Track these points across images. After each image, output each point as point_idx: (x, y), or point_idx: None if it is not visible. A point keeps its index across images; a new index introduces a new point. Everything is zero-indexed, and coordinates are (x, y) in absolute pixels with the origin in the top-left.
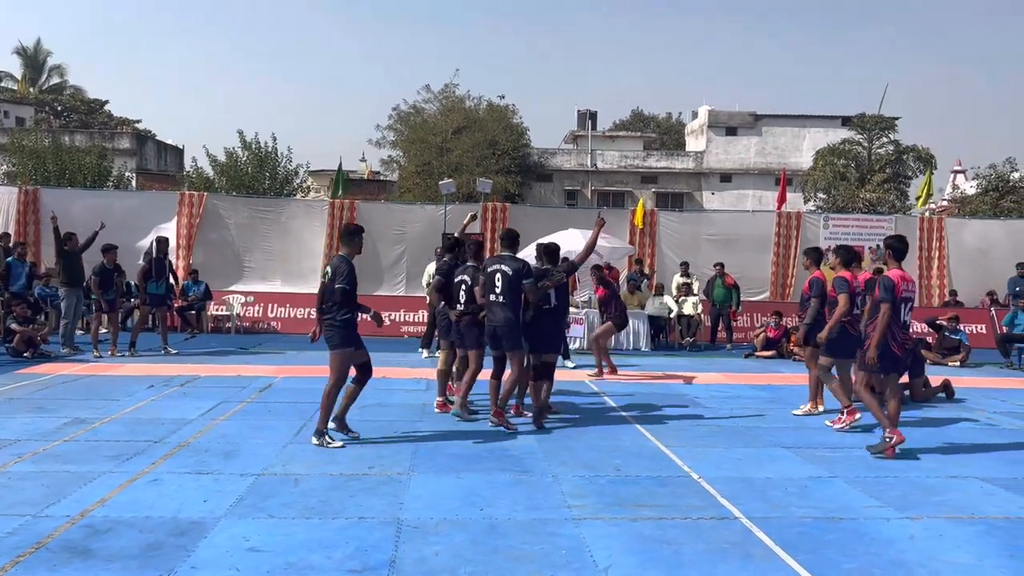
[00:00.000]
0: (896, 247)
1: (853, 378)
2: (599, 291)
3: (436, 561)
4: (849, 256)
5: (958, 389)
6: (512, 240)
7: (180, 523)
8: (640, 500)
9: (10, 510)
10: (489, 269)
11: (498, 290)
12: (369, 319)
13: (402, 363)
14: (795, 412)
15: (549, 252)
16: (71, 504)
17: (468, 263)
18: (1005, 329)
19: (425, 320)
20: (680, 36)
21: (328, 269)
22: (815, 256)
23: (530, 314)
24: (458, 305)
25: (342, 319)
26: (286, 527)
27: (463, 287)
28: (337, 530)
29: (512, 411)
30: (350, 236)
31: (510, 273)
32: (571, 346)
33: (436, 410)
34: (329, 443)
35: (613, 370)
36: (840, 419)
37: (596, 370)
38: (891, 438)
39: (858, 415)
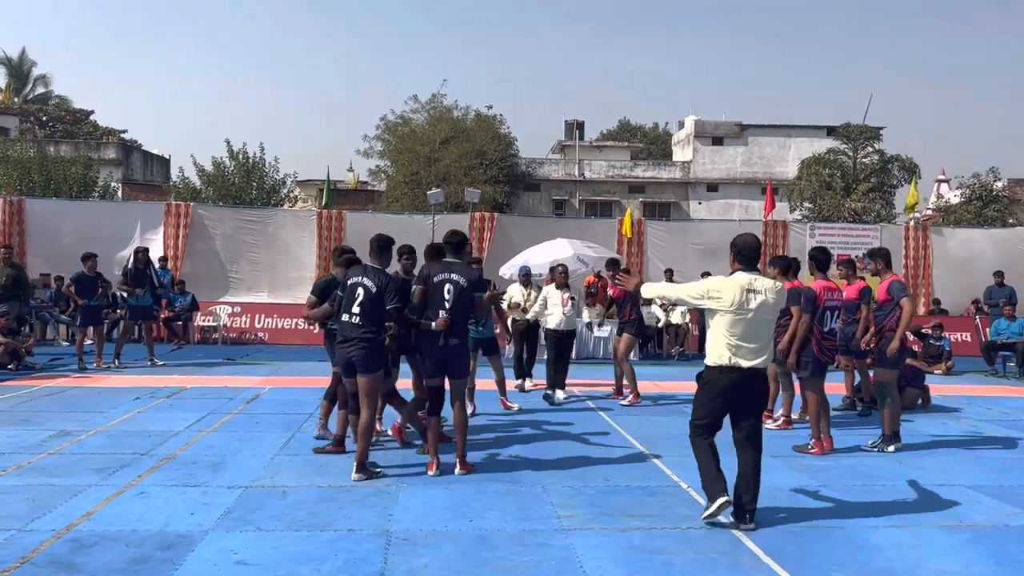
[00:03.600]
0: (819, 259)
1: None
2: (615, 290)
3: (426, 573)
4: (787, 264)
5: (944, 397)
6: (459, 244)
7: (167, 536)
8: (630, 510)
9: None
10: (436, 279)
11: (448, 305)
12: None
13: None
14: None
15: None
16: (56, 518)
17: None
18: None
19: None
20: (667, 47)
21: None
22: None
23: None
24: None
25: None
26: (274, 540)
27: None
28: (326, 543)
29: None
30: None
31: (464, 285)
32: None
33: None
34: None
35: (636, 396)
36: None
37: (629, 394)
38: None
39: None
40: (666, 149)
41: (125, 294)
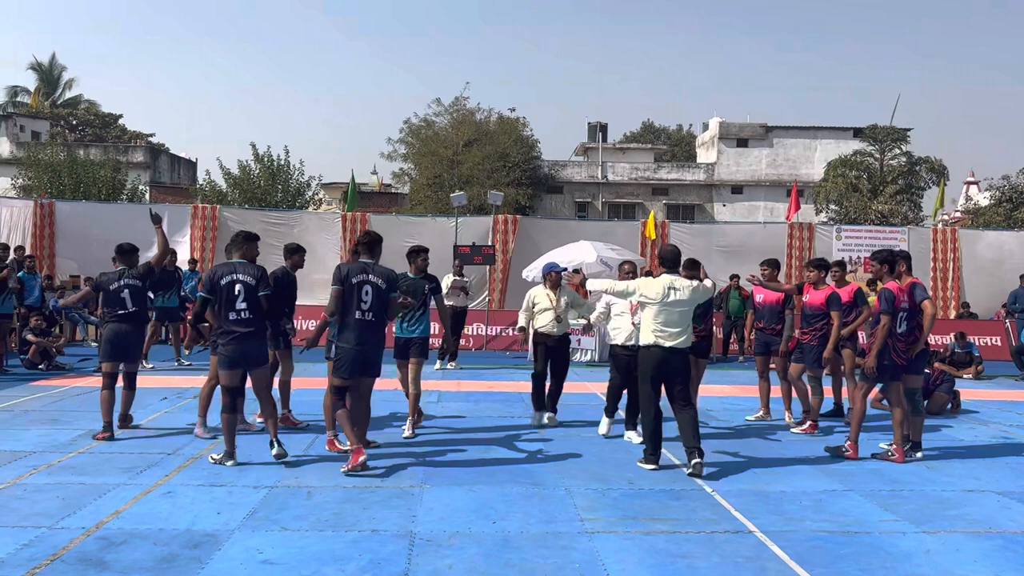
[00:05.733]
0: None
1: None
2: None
3: (449, 574)
4: (827, 266)
5: (974, 402)
6: (372, 245)
7: (194, 535)
8: (654, 514)
9: (25, 522)
10: (354, 280)
11: (365, 307)
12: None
13: None
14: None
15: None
16: (86, 516)
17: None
18: None
19: (440, 332)
20: (690, 48)
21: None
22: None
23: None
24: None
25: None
26: (299, 540)
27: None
28: (350, 543)
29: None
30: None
31: (382, 286)
32: (583, 358)
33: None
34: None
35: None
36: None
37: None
38: (846, 450)
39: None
40: (690, 151)
41: (152, 295)
